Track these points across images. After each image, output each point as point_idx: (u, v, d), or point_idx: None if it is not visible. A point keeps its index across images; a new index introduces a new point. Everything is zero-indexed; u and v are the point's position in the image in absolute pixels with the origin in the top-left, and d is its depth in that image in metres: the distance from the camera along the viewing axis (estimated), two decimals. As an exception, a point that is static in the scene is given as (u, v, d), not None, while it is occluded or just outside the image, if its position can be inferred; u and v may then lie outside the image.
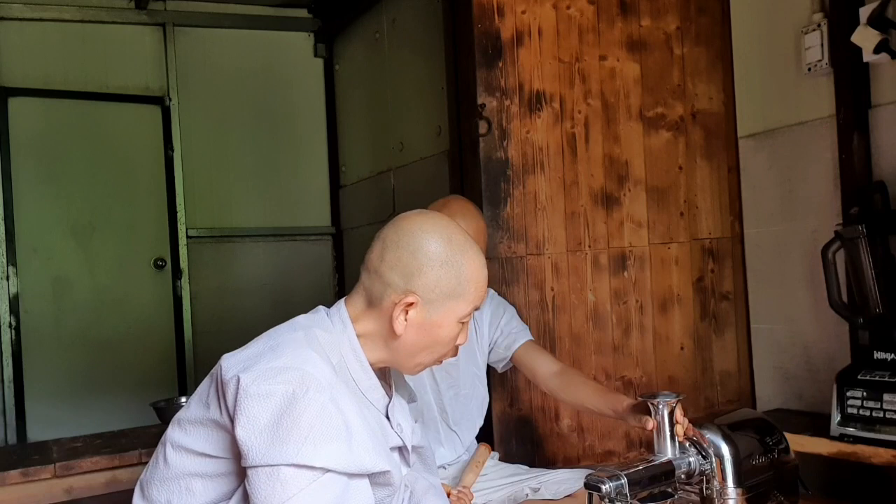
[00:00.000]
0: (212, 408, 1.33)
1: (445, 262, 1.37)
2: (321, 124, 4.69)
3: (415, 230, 1.38)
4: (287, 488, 1.21)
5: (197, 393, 1.42)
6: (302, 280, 4.56)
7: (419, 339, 1.39)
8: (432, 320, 1.38)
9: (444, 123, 3.14)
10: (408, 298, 1.36)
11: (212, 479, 1.35)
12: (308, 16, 4.68)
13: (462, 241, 1.40)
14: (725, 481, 1.72)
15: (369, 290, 1.40)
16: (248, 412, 1.24)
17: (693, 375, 2.98)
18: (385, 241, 1.40)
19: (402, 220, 1.42)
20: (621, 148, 2.89)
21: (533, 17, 2.74)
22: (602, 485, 1.55)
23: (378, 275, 1.39)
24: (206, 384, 1.40)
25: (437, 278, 1.36)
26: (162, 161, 4.34)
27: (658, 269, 2.94)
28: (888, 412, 2.19)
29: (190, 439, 1.36)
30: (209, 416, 1.34)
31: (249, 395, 1.24)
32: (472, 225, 2.09)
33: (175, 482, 1.37)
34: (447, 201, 2.19)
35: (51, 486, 2.32)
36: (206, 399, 1.37)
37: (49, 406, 4.01)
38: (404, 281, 1.36)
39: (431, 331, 1.39)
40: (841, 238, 2.36)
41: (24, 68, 4.08)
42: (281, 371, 1.26)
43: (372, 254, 1.41)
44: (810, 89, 2.74)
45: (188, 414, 1.39)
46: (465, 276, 1.38)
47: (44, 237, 4.09)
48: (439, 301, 1.37)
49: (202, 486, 1.35)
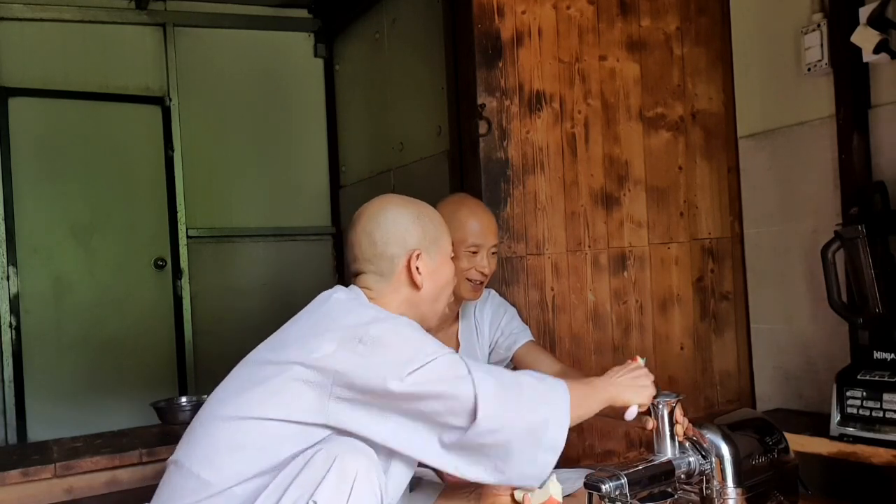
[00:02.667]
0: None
1: (419, 217, 1.67)
2: (321, 124, 4.68)
3: (383, 210, 1.68)
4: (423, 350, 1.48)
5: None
6: (302, 280, 4.55)
7: (434, 283, 1.67)
8: (436, 263, 1.67)
9: (444, 123, 3.14)
10: (415, 253, 1.63)
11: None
12: (308, 16, 4.67)
13: (410, 199, 1.72)
14: (725, 481, 1.72)
15: (378, 272, 1.64)
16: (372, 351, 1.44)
17: (693, 375, 2.98)
18: (367, 233, 1.65)
19: (362, 212, 1.70)
20: (621, 148, 2.89)
21: (533, 17, 2.74)
22: (602, 485, 1.56)
23: (379, 257, 1.63)
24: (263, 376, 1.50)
25: (421, 230, 1.65)
26: (162, 161, 4.34)
27: (658, 269, 2.94)
28: (888, 412, 2.19)
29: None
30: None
31: (356, 352, 1.44)
32: (485, 220, 2.18)
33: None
34: (463, 199, 2.26)
35: (51, 486, 2.32)
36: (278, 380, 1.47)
37: (49, 406, 4.01)
38: (402, 246, 1.63)
39: (438, 272, 1.68)
40: (841, 238, 2.36)
41: (24, 68, 4.07)
42: (371, 322, 1.50)
43: (361, 248, 1.65)
44: (810, 89, 2.74)
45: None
46: (435, 221, 1.70)
47: (44, 237, 4.09)
48: (432, 247, 1.67)
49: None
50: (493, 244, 2.17)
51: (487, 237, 2.15)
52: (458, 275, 2.07)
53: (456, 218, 2.11)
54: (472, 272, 2.13)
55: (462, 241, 2.11)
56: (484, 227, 2.15)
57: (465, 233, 2.12)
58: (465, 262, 2.12)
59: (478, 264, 2.13)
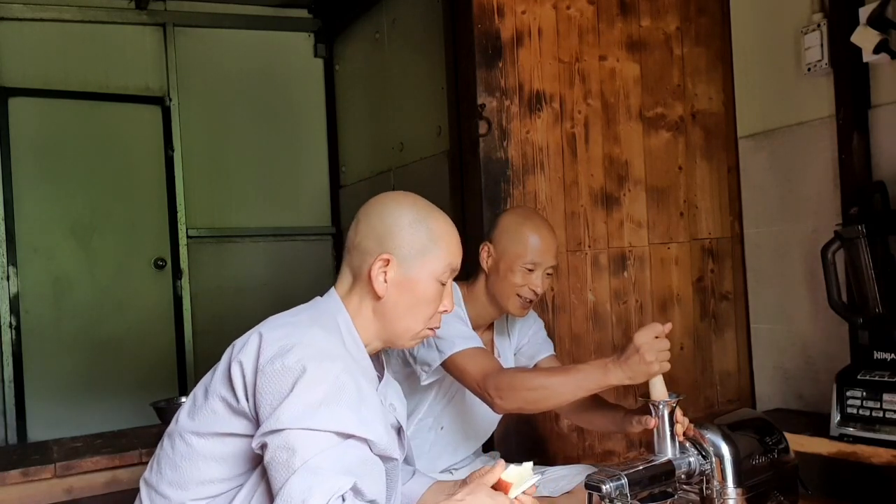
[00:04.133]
0: (221, 393, 1.38)
1: (413, 222, 1.49)
2: (321, 124, 4.68)
3: (383, 202, 1.53)
4: (306, 451, 1.25)
5: (201, 385, 1.46)
6: (302, 280, 4.55)
7: (401, 298, 1.48)
8: (410, 277, 1.48)
9: (444, 123, 3.14)
10: (383, 256, 1.46)
11: (226, 461, 1.38)
12: (308, 16, 4.67)
13: (427, 204, 1.54)
14: (725, 481, 1.72)
15: (351, 264, 1.51)
16: (265, 388, 1.30)
17: (693, 375, 2.98)
18: (358, 218, 1.53)
19: (372, 199, 1.56)
20: (621, 148, 2.89)
21: (533, 17, 2.74)
22: (602, 485, 1.56)
23: (356, 248, 1.50)
24: (214, 376, 1.43)
25: (409, 236, 1.48)
26: (162, 161, 4.34)
27: (658, 269, 2.94)
28: (888, 412, 2.19)
29: (201, 424, 1.39)
30: (221, 398, 1.38)
31: (265, 374, 1.31)
32: (548, 239, 2.12)
33: (190, 462, 1.40)
34: (530, 214, 2.23)
35: (51, 486, 2.32)
36: (215, 387, 1.40)
37: (49, 406, 4.01)
38: (378, 245, 1.47)
39: (411, 288, 1.48)
40: (841, 238, 2.36)
41: (24, 68, 4.07)
42: (294, 348, 1.32)
43: (349, 233, 1.52)
44: (810, 89, 2.74)
45: (195, 404, 1.43)
46: (434, 233, 1.50)
47: (44, 237, 4.09)
48: (414, 258, 1.48)
49: (217, 468, 1.38)
50: (551, 265, 2.12)
51: (546, 257, 2.08)
52: (509, 290, 2.07)
53: (520, 232, 2.08)
54: (524, 289, 2.07)
55: (520, 256, 2.06)
56: (545, 246, 2.08)
57: (526, 248, 2.06)
58: (520, 279, 2.06)
59: (532, 282, 2.06)
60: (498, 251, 2.10)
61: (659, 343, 1.69)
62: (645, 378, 1.71)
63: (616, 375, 1.72)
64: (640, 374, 1.70)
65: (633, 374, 1.70)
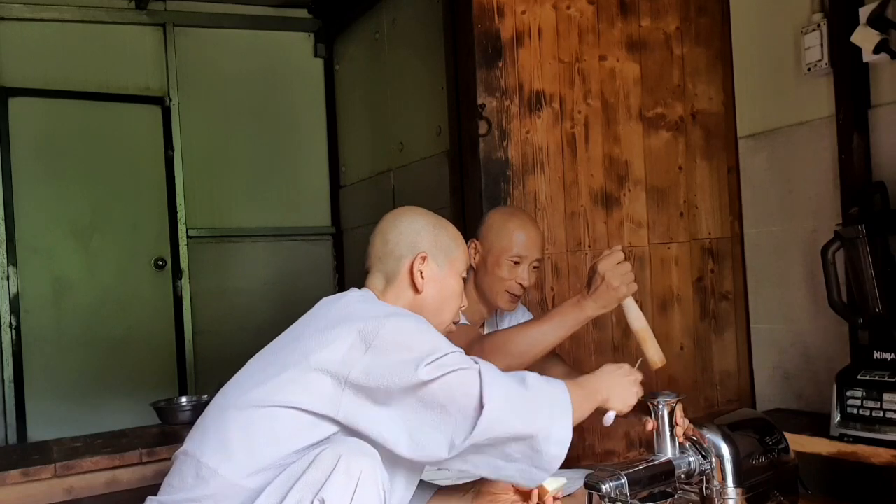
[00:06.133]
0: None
1: (435, 226, 1.71)
2: (321, 124, 4.69)
3: (402, 214, 1.74)
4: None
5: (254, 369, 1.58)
6: (302, 280, 4.55)
7: (437, 292, 1.68)
8: (443, 274, 1.69)
9: (444, 123, 3.14)
10: (421, 254, 1.66)
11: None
12: (308, 16, 4.67)
13: (434, 214, 1.76)
14: (725, 481, 1.72)
15: (385, 271, 1.68)
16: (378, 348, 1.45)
17: (693, 375, 2.98)
18: (383, 232, 1.71)
19: (388, 214, 1.75)
20: (621, 148, 2.89)
21: (533, 17, 2.74)
22: (602, 485, 1.56)
23: (388, 255, 1.68)
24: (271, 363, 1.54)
25: (435, 238, 1.69)
26: (162, 161, 4.34)
27: (658, 269, 2.94)
28: (888, 412, 2.19)
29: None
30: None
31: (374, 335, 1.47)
32: (532, 234, 2.20)
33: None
34: (515, 211, 2.33)
35: (51, 486, 2.32)
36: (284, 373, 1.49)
37: (49, 406, 4.01)
38: (412, 247, 1.67)
39: (444, 282, 1.69)
40: (841, 238, 2.36)
41: (25, 68, 4.07)
42: (387, 315, 1.51)
43: (374, 247, 1.70)
44: (810, 89, 2.74)
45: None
46: (452, 235, 1.73)
47: (44, 237, 4.09)
48: (442, 257, 1.69)
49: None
50: (537, 258, 2.19)
51: (531, 250, 2.17)
52: (497, 284, 2.17)
53: (505, 227, 2.17)
54: (511, 283, 2.16)
55: (506, 250, 2.14)
56: (530, 240, 2.17)
57: (511, 242, 2.15)
58: (507, 273, 2.14)
59: (518, 276, 2.15)
60: (485, 247, 2.18)
61: (621, 267, 1.80)
62: (617, 303, 1.83)
63: (590, 307, 1.83)
64: (611, 300, 1.82)
65: (605, 301, 1.82)
